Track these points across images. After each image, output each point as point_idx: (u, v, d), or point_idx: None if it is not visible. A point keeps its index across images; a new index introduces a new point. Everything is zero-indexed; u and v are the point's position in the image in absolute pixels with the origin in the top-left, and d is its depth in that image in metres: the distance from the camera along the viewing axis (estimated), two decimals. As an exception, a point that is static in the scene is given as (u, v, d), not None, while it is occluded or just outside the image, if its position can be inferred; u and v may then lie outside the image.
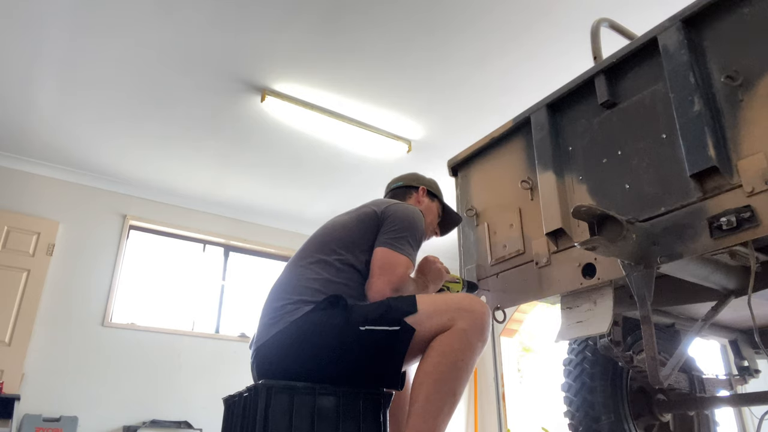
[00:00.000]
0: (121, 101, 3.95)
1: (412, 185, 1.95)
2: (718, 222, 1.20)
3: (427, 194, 1.94)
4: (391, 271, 1.50)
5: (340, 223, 1.65)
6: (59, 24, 3.23)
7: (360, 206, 1.72)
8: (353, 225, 1.62)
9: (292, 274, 1.55)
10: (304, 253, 1.60)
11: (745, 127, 1.23)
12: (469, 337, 1.34)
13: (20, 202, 4.63)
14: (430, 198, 1.94)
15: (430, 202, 1.93)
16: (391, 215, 1.62)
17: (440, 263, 1.76)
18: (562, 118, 1.72)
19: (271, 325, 1.45)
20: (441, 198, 1.99)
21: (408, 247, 1.57)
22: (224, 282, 5.51)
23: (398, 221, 1.60)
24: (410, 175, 2.00)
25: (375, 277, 1.51)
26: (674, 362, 1.53)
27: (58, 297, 4.55)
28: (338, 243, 1.58)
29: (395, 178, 2.02)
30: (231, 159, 4.74)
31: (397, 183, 1.97)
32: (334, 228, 1.64)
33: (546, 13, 3.19)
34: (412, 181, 1.96)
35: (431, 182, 1.99)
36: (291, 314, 1.42)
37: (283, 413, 1.27)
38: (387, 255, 1.53)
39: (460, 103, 4.00)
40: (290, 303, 1.45)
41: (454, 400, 1.32)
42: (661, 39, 1.42)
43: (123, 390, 4.53)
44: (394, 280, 1.49)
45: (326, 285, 1.48)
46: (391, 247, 1.54)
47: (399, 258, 1.53)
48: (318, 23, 3.27)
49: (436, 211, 1.95)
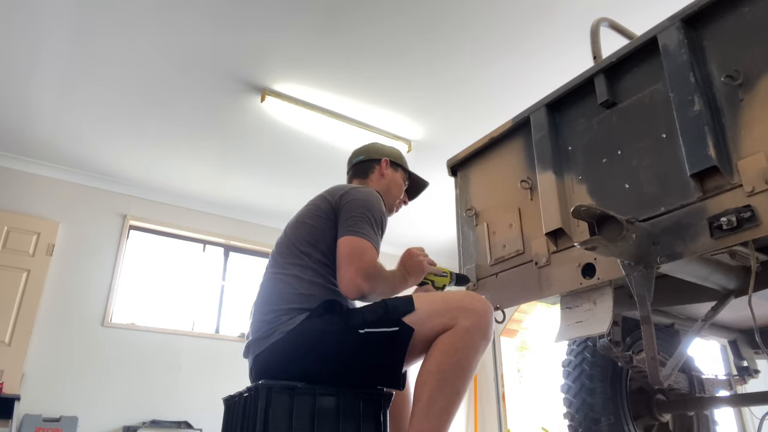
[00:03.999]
0: (122, 101, 3.95)
1: (374, 158, 1.87)
2: (719, 222, 1.20)
3: (390, 165, 1.87)
4: (359, 259, 1.43)
5: (300, 221, 1.61)
6: (59, 24, 3.23)
7: (314, 198, 1.67)
8: (311, 221, 1.57)
9: (273, 284, 1.52)
10: (276, 261, 1.57)
11: (745, 127, 1.23)
12: (472, 336, 1.34)
13: (20, 202, 4.63)
14: (394, 168, 1.88)
15: (394, 173, 1.87)
16: (347, 203, 1.56)
17: (423, 256, 1.67)
18: (561, 117, 1.72)
19: (266, 337, 1.43)
20: (405, 166, 1.93)
21: (371, 231, 1.50)
22: (224, 282, 5.51)
23: (355, 207, 1.54)
24: (371, 146, 1.93)
25: (343, 268, 1.44)
26: (674, 362, 1.53)
27: (58, 297, 4.55)
28: (303, 243, 1.54)
29: (356, 151, 1.94)
30: (231, 159, 4.74)
31: (358, 157, 1.89)
32: (295, 228, 1.60)
33: (546, 13, 3.19)
34: (373, 154, 1.88)
35: (393, 151, 1.92)
36: (286, 324, 1.40)
37: (283, 413, 1.27)
38: (351, 243, 1.47)
39: (460, 103, 4.00)
40: (283, 314, 1.43)
41: (458, 399, 1.32)
42: (661, 38, 1.42)
43: (123, 390, 4.53)
44: (363, 266, 1.42)
45: (311, 288, 1.47)
46: (353, 234, 1.48)
47: (364, 243, 1.46)
48: (318, 23, 3.27)
49: (401, 180, 1.89)
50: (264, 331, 1.44)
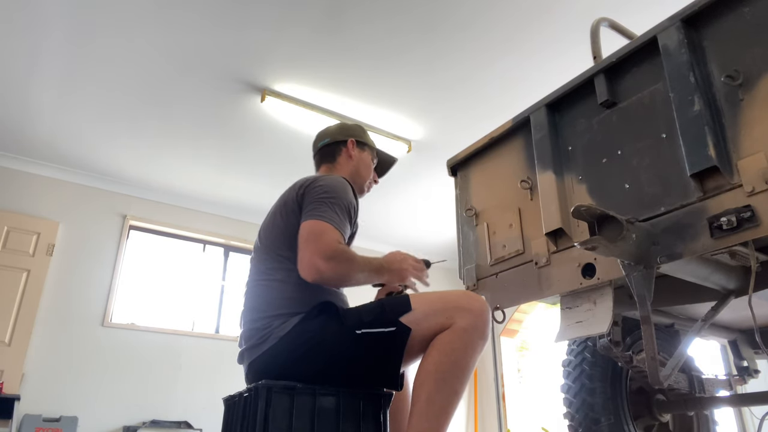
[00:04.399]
0: (122, 101, 3.95)
1: (339, 139, 1.82)
2: (719, 222, 1.20)
3: (357, 145, 1.83)
4: (317, 239, 1.38)
5: (271, 222, 1.58)
6: (59, 24, 3.23)
7: (283, 192, 1.64)
8: (282, 220, 1.54)
9: (259, 291, 1.50)
10: (258, 269, 1.54)
11: (745, 127, 1.23)
12: (470, 335, 1.33)
13: (20, 202, 4.63)
14: (361, 148, 1.83)
15: (361, 153, 1.83)
16: (309, 192, 1.52)
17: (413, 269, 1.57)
18: (561, 117, 1.72)
19: (259, 344, 1.41)
20: (371, 144, 1.88)
21: (333, 214, 1.44)
22: (224, 282, 5.51)
23: (316, 193, 1.50)
24: (336, 128, 1.87)
25: (301, 251, 1.40)
26: (674, 362, 1.53)
27: (58, 297, 4.55)
28: (281, 247, 1.50)
29: (320, 134, 1.88)
30: (231, 159, 4.74)
31: (324, 140, 1.84)
32: (269, 230, 1.57)
33: (546, 13, 3.19)
34: (338, 135, 1.83)
35: (358, 130, 1.87)
36: (280, 329, 1.39)
37: (283, 413, 1.27)
38: (309, 225, 1.42)
39: (460, 103, 4.00)
40: (274, 319, 1.41)
41: (456, 399, 1.32)
42: (661, 38, 1.42)
43: (123, 390, 4.53)
44: (321, 247, 1.37)
45: (299, 291, 1.44)
46: (311, 218, 1.43)
47: (322, 225, 1.41)
48: (318, 23, 3.27)
49: (369, 160, 1.85)
50: (257, 339, 1.42)
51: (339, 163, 1.81)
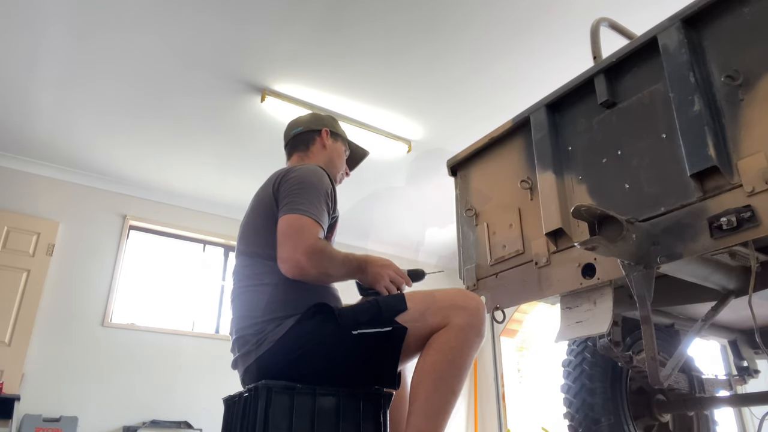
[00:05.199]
0: (121, 101, 3.95)
1: (313, 129, 1.78)
2: (719, 222, 1.20)
3: (330, 135, 1.78)
4: (297, 234, 1.36)
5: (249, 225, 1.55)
6: (59, 24, 3.23)
7: (258, 189, 1.60)
8: (260, 221, 1.50)
9: (249, 297, 1.46)
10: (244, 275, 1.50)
11: (745, 127, 1.23)
12: (466, 334, 1.33)
13: (20, 202, 4.63)
14: (334, 138, 1.79)
15: (335, 143, 1.79)
16: (284, 184, 1.49)
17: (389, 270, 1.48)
18: (561, 117, 1.72)
19: (254, 350, 1.39)
20: (344, 135, 1.85)
21: (311, 206, 1.41)
22: (224, 282, 5.51)
23: (292, 185, 1.46)
24: (309, 117, 1.83)
25: (281, 246, 1.37)
26: (674, 362, 1.53)
27: (58, 297, 4.55)
28: (263, 248, 1.46)
29: (292, 123, 1.83)
30: (231, 159, 4.73)
31: (296, 129, 1.79)
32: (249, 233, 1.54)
33: (545, 13, 3.19)
34: (312, 124, 1.79)
35: (331, 120, 1.83)
36: (274, 332, 1.37)
37: (283, 413, 1.27)
38: (288, 220, 1.39)
39: (460, 103, 4.00)
40: (267, 323, 1.39)
41: (454, 397, 1.32)
42: (661, 38, 1.42)
43: (123, 390, 4.53)
44: (300, 242, 1.34)
45: (290, 293, 1.42)
46: (289, 212, 1.40)
47: (302, 219, 1.38)
48: (318, 23, 3.27)
49: (342, 151, 1.81)
50: (251, 345, 1.40)
51: (312, 152, 1.77)
